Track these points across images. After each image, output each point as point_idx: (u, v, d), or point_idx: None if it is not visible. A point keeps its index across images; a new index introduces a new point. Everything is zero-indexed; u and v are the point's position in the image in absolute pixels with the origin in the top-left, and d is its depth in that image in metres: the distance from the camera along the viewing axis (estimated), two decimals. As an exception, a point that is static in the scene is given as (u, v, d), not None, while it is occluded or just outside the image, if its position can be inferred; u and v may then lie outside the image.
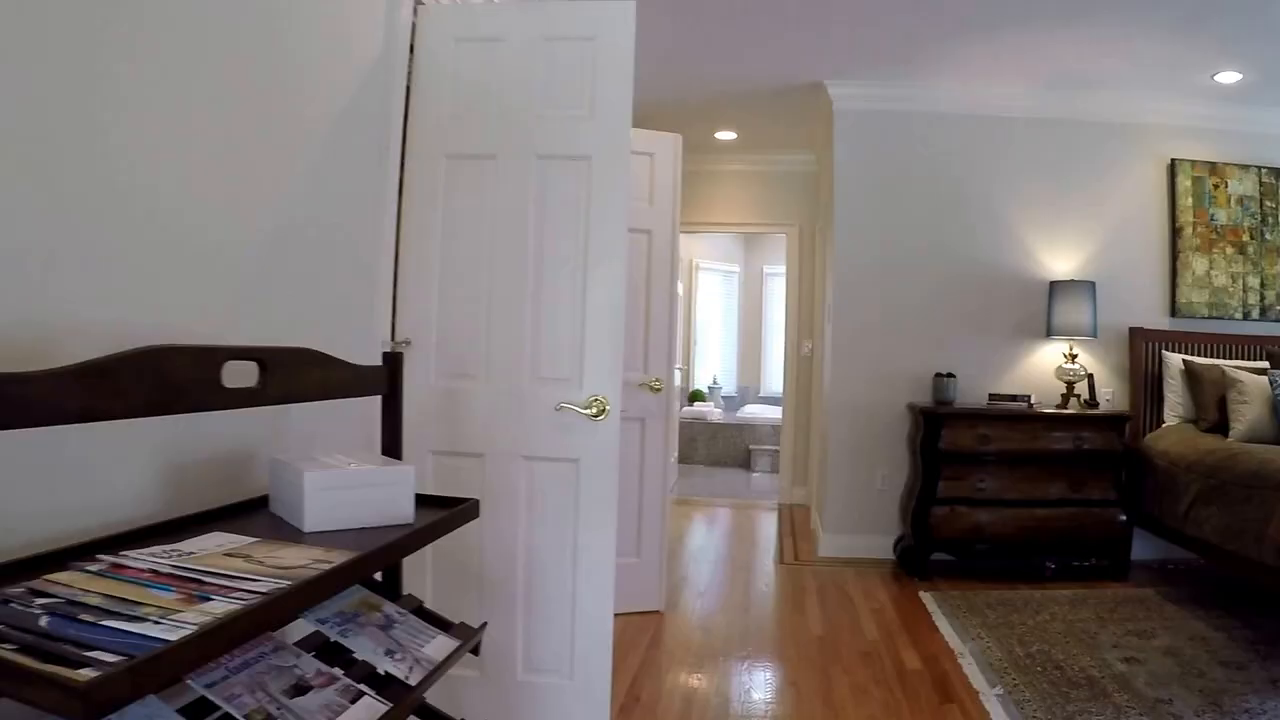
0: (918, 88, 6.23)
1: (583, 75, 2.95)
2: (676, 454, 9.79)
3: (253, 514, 1.95)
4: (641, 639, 4.33)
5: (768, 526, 7.45)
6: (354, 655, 1.75)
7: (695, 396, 12.72)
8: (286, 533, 1.79)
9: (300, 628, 1.80)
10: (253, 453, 2.18)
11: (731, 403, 13.34)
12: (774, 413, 11.44)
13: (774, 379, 13.07)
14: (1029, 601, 5.03)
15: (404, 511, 1.95)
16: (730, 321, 13.75)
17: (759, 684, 3.82)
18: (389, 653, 1.77)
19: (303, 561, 1.53)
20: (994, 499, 5.51)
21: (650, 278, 4.80)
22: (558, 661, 2.97)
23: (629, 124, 2.95)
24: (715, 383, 13.28)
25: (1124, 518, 5.60)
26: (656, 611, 4.78)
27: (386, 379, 2.32)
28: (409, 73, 3.03)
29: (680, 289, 9.63)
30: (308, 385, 1.97)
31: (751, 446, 11.38)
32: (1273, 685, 3.73)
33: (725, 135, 7.80)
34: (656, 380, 4.77)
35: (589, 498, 2.92)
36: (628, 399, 4.66)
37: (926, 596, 5.14)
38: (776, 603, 5.10)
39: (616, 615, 4.60)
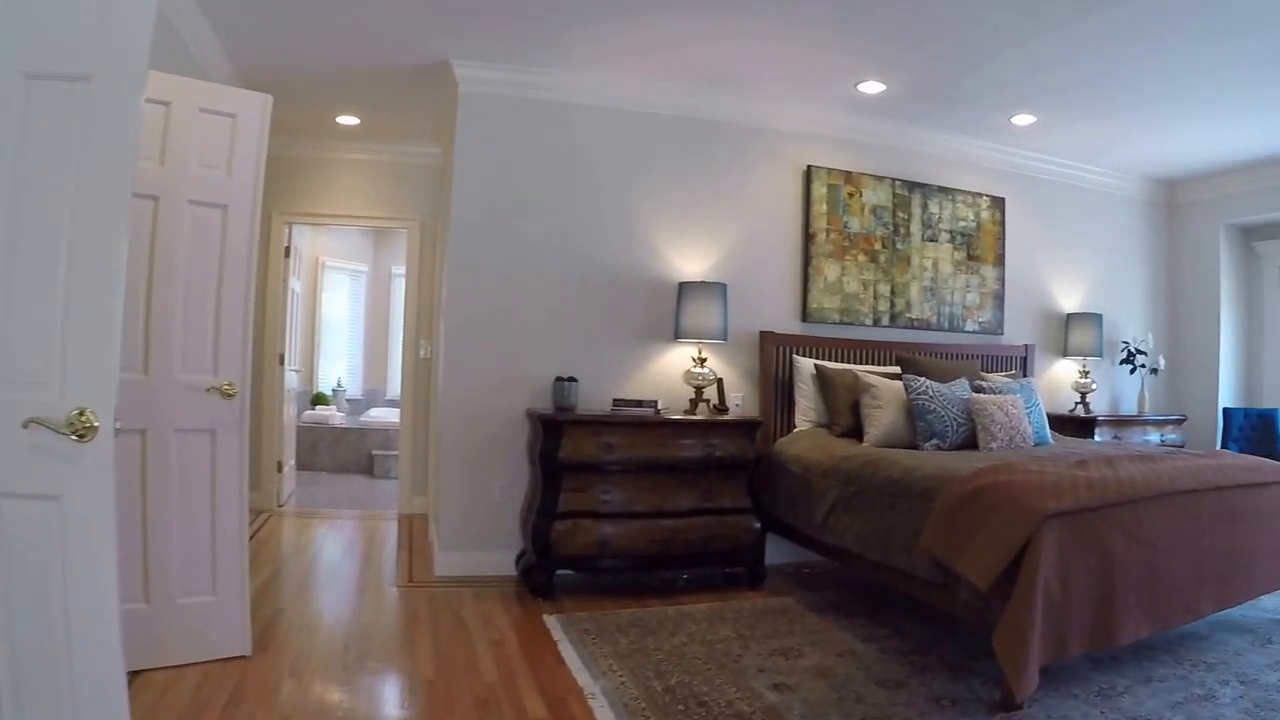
0: (555, 74, 5.85)
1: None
2: (294, 461, 8.98)
3: None
4: (218, 698, 3.58)
5: (387, 541, 6.82)
6: None
7: (319, 400, 11.99)
8: None
9: None
10: None
11: (357, 406, 12.74)
12: (399, 416, 10.93)
13: (400, 382, 12.59)
14: (664, 620, 4.75)
15: None
16: (358, 323, 13.30)
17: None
18: None
19: None
20: (621, 511, 5.24)
21: (225, 262, 3.94)
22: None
23: (149, 34, 2.26)
24: (340, 385, 12.58)
25: (757, 525, 5.52)
26: (241, 657, 4.06)
27: None
28: None
29: (298, 286, 8.88)
30: None
31: (375, 452, 10.81)
32: (937, 704, 3.62)
33: (348, 120, 7.11)
34: (230, 384, 4.00)
35: (77, 548, 2.18)
36: (194, 407, 3.89)
37: (552, 621, 4.71)
38: (386, 637, 4.49)
39: (189, 666, 3.88)
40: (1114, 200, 8.20)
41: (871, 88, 5.94)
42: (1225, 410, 7.88)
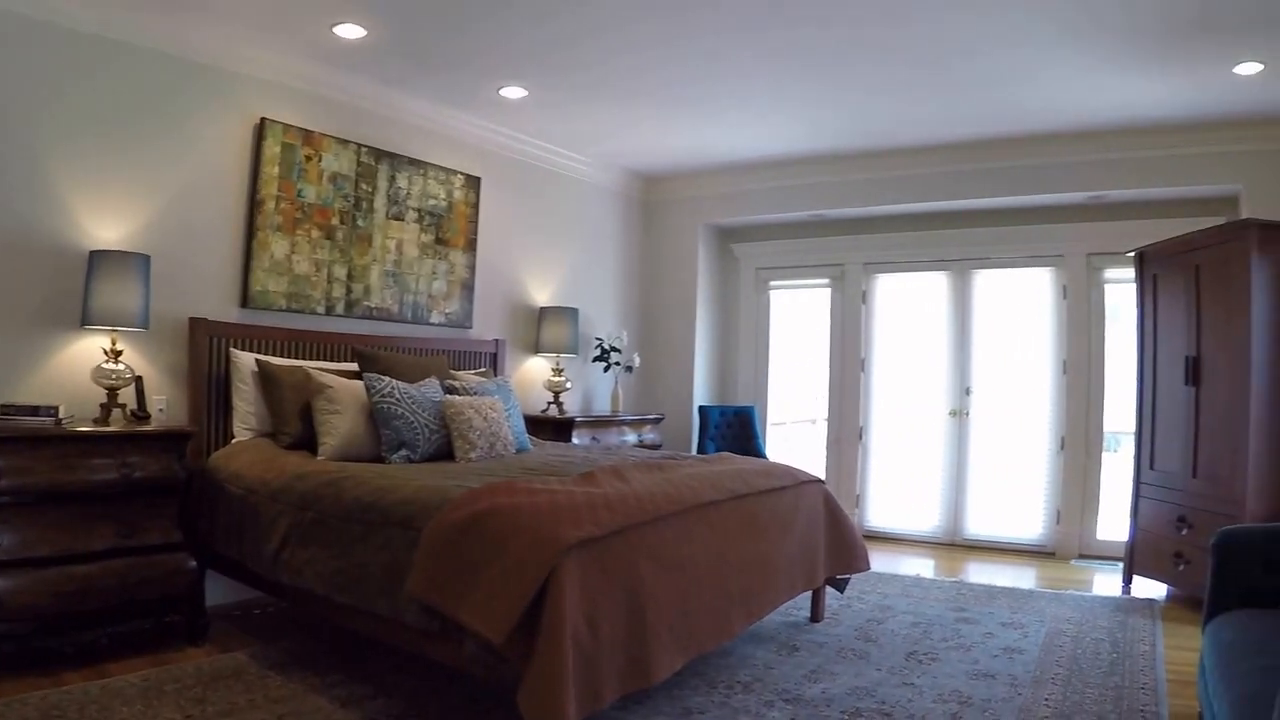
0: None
1: None
2: None
3: None
4: None
5: None
6: None
7: None
8: None
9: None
10: None
11: None
12: None
13: None
14: (86, 705, 3.93)
15: None
16: None
17: None
18: None
19: None
20: (15, 558, 4.32)
21: None
22: None
23: None
24: None
25: (193, 564, 4.90)
26: None
27: None
28: None
29: None
30: None
31: None
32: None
33: None
34: None
35: None
36: None
37: (-73, 722, 3.74)
38: None
39: None
40: (594, 191, 8.48)
41: (350, 31, 5.55)
42: (701, 408, 8.47)
